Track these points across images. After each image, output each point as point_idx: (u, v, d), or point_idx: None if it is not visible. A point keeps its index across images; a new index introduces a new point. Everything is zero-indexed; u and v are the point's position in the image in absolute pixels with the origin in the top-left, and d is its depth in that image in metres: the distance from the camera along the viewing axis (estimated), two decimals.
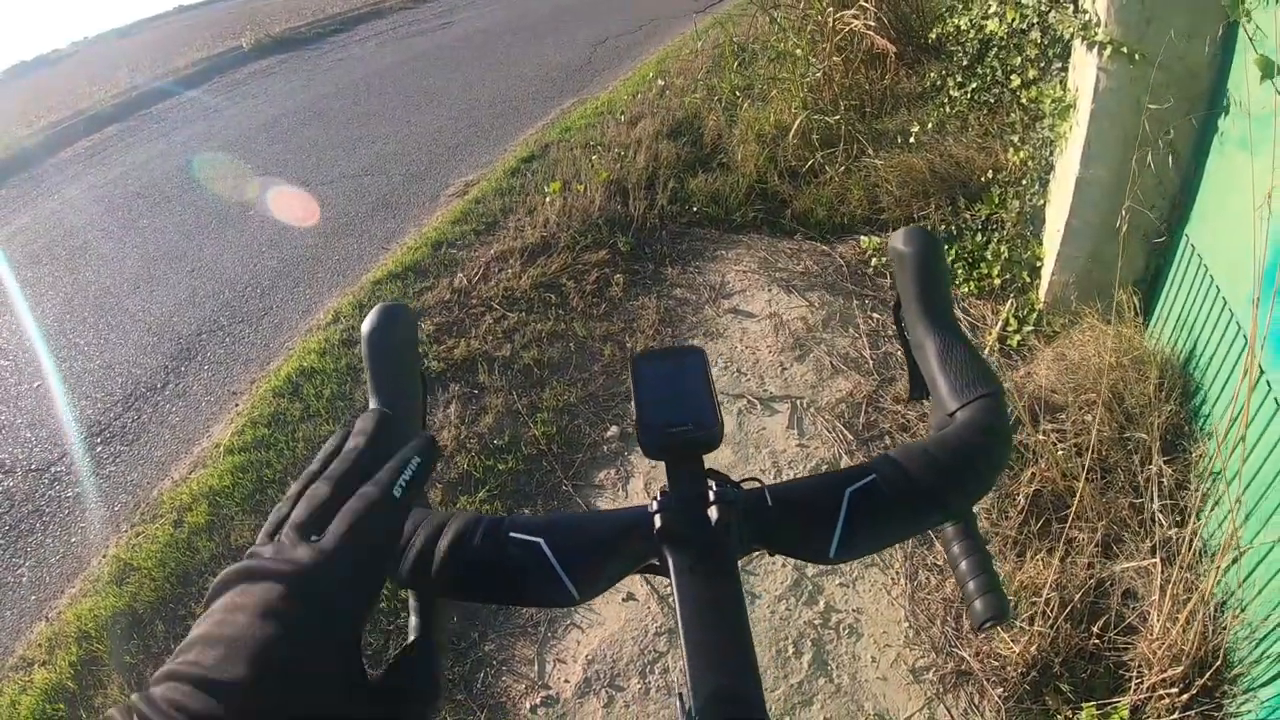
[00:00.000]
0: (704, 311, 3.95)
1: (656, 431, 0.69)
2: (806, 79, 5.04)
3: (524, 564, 0.61)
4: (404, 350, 0.77)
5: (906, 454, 0.66)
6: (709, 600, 0.59)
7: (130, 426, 4.05)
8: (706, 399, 0.71)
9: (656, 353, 0.77)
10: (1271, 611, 1.91)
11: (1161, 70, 2.62)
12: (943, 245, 0.80)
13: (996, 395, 0.70)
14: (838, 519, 0.62)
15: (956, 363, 0.73)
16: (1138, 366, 2.74)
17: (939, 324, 0.76)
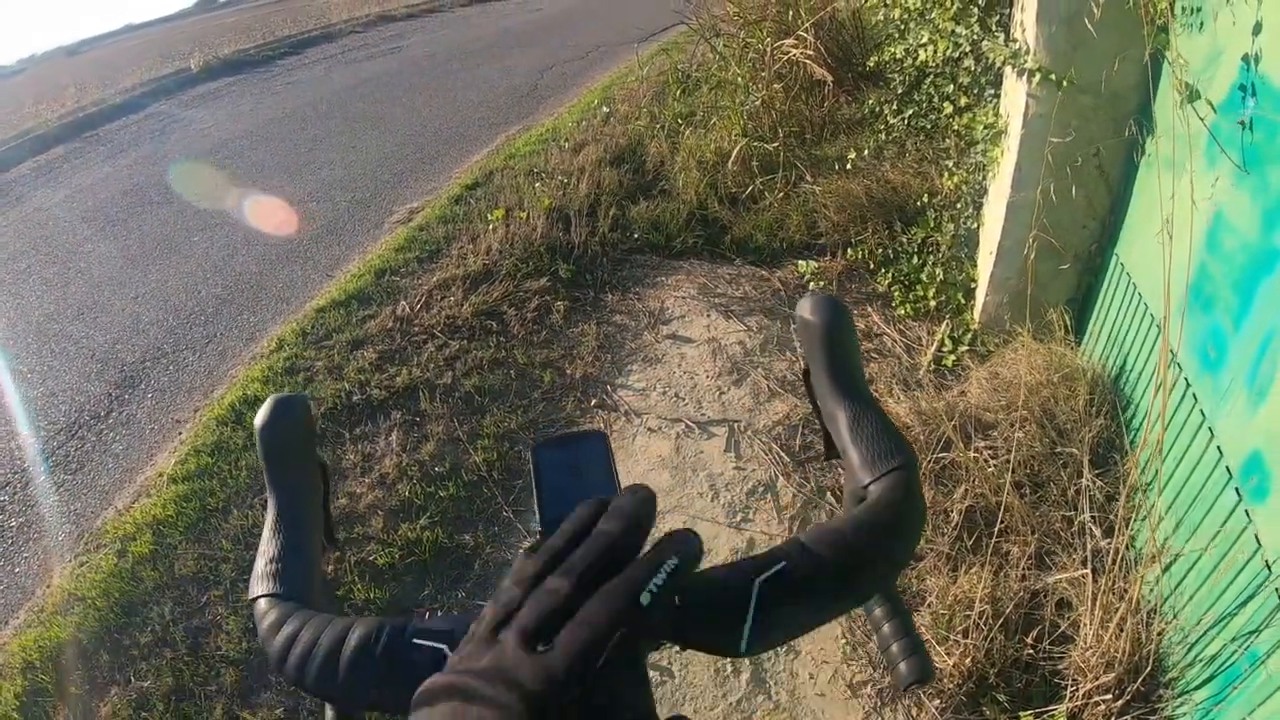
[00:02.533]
0: (643, 337, 4.03)
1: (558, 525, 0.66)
2: (746, 106, 5.16)
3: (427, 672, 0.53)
4: (300, 442, 0.77)
5: (818, 537, 0.63)
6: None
7: (74, 455, 4.04)
8: (608, 486, 0.71)
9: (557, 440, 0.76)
10: (1202, 616, 1.97)
11: (1089, 95, 2.73)
12: (850, 313, 0.78)
13: (909, 467, 0.69)
14: (747, 612, 0.58)
15: (868, 434, 0.72)
16: (1068, 383, 2.82)
17: (849, 394, 0.76)
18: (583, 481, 0.72)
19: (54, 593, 3.16)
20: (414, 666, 0.59)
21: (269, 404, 0.77)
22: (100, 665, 2.82)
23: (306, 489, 0.77)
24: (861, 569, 0.62)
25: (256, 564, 0.72)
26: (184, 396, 4.36)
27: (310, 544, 0.74)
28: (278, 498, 0.75)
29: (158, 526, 3.29)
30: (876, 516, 0.65)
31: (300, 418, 0.78)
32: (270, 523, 0.74)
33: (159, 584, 3.05)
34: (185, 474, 3.54)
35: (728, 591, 0.60)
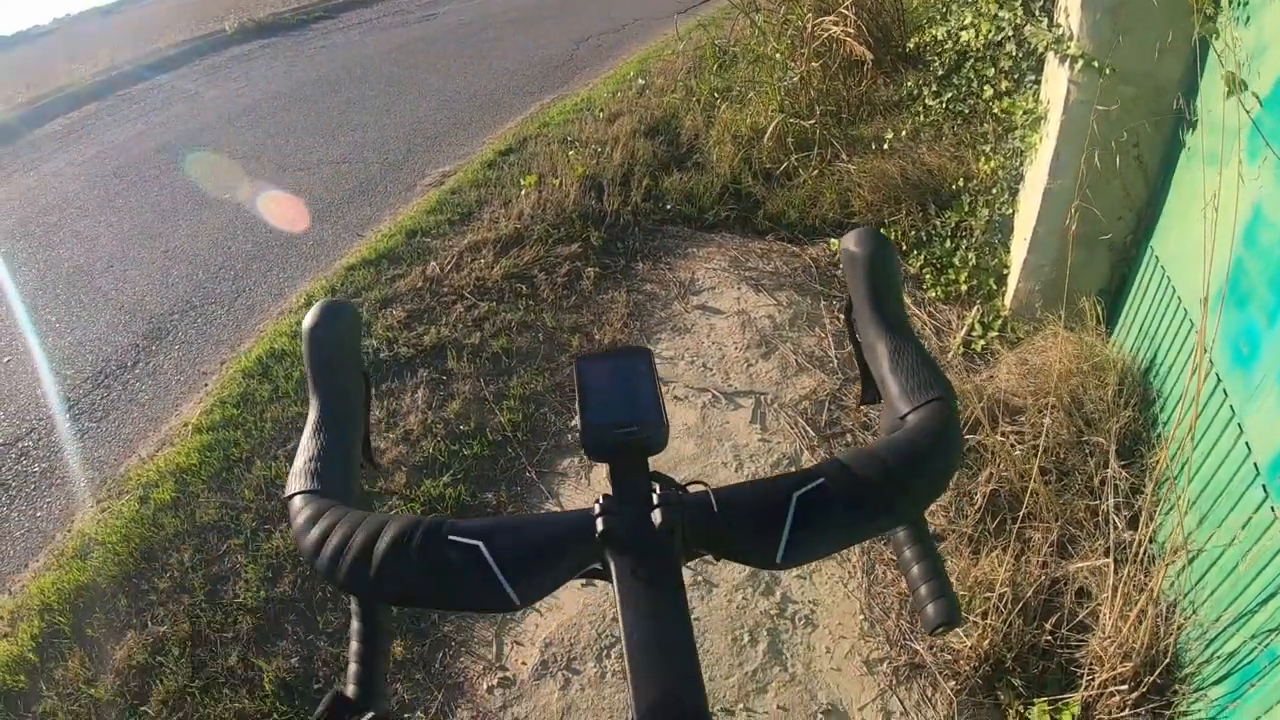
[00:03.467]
0: (673, 307, 4.00)
1: (601, 432, 0.69)
2: (784, 83, 5.09)
3: (463, 568, 0.59)
4: (346, 348, 0.76)
5: (856, 458, 0.63)
6: (651, 606, 0.57)
7: (99, 403, 4.06)
8: (653, 400, 0.71)
9: (601, 353, 0.76)
10: (1222, 613, 1.94)
11: (1130, 84, 2.68)
12: (894, 247, 0.78)
13: (948, 399, 0.69)
14: (784, 523, 0.59)
15: (908, 365, 0.72)
16: (1098, 373, 2.79)
17: (890, 326, 0.75)
18: (626, 395, 0.72)
19: (74, 537, 3.17)
20: (450, 563, 0.59)
21: (318, 307, 0.75)
22: (118, 610, 2.82)
23: (349, 394, 0.75)
24: (897, 491, 0.63)
25: (295, 462, 0.70)
26: (211, 349, 4.36)
27: (350, 447, 0.73)
28: (320, 400, 0.74)
29: (180, 475, 3.29)
30: (914, 442, 0.65)
31: (348, 324, 0.76)
32: (311, 423, 0.73)
33: (179, 531, 3.05)
34: (210, 424, 3.54)
35: (765, 503, 0.61)
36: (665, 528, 0.59)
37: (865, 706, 2.28)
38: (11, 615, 2.88)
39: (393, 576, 0.59)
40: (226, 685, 2.53)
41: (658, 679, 0.54)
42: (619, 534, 0.60)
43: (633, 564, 0.59)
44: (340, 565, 0.60)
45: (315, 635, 2.65)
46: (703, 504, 0.61)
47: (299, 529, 0.64)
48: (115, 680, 2.59)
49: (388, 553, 0.59)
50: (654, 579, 0.58)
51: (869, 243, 0.76)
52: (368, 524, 0.62)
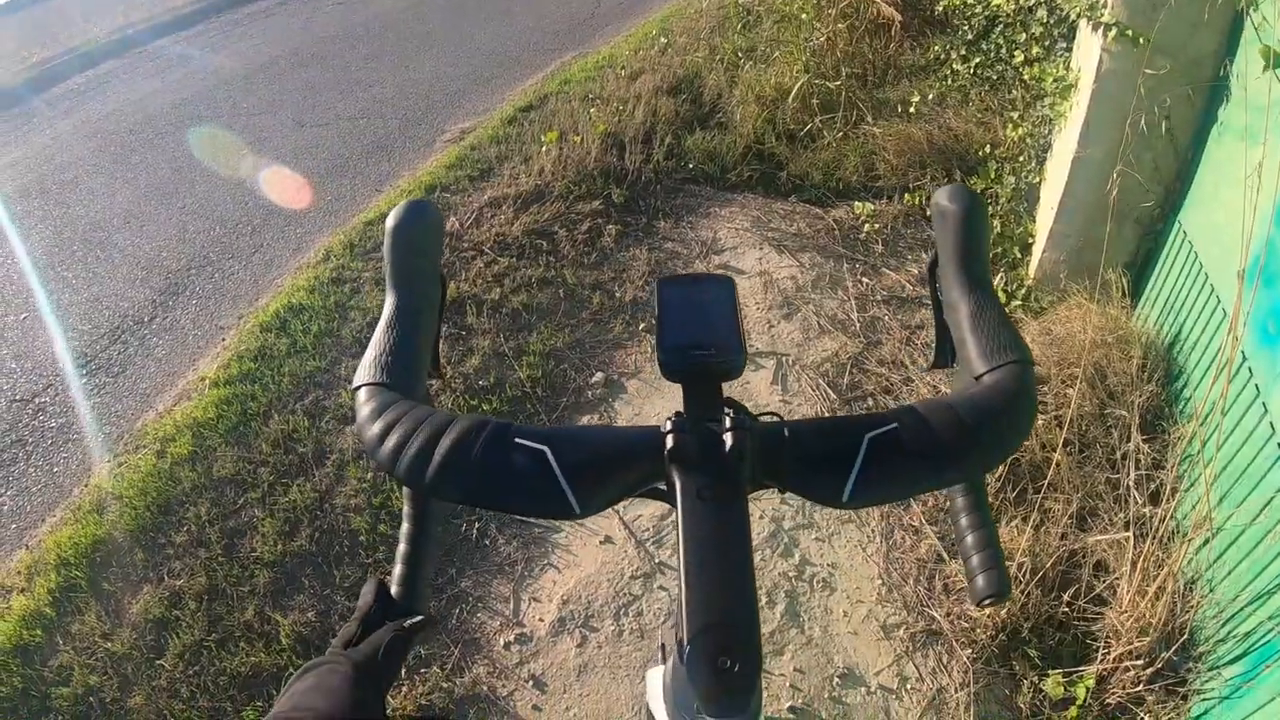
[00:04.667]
0: (694, 265, 3.96)
1: (678, 353, 0.69)
2: (810, 43, 5.00)
3: (527, 471, 0.59)
4: (426, 248, 0.76)
5: (931, 408, 0.63)
6: (713, 529, 0.57)
7: (116, 359, 4.04)
8: (733, 327, 0.71)
9: (684, 277, 0.76)
10: (1240, 592, 1.94)
11: (1165, 55, 2.62)
12: (986, 206, 0.77)
13: (1026, 363, 0.68)
14: (854, 463, 0.59)
15: (989, 326, 0.71)
16: (1122, 346, 2.76)
17: (975, 285, 0.74)
18: (705, 320, 0.72)
19: (91, 491, 3.17)
20: (513, 464, 0.59)
21: (402, 206, 0.76)
22: (134, 563, 2.83)
23: (426, 294, 0.75)
24: (968, 448, 0.62)
25: (365, 355, 0.70)
26: (229, 304, 4.34)
27: (420, 345, 0.73)
28: (397, 296, 0.73)
29: (197, 429, 3.28)
30: (990, 400, 0.64)
31: (430, 225, 0.77)
32: (385, 319, 0.73)
33: (196, 485, 3.04)
34: (227, 378, 3.52)
35: (838, 441, 0.61)
36: (736, 452, 0.58)
37: (881, 671, 2.29)
38: (29, 570, 2.88)
39: (455, 474, 0.59)
40: (243, 639, 2.53)
41: (712, 604, 0.53)
42: (688, 453, 0.59)
43: (698, 485, 0.58)
44: (402, 459, 0.60)
45: (332, 590, 2.64)
46: (776, 433, 0.61)
47: (363, 420, 0.65)
48: (132, 634, 2.59)
49: (451, 450, 0.60)
50: (719, 503, 0.58)
51: (961, 199, 0.75)
52: (433, 420, 0.62)
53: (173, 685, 2.44)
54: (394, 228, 0.74)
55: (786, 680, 2.28)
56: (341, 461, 3.06)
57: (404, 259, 0.74)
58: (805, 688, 2.26)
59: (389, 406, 0.64)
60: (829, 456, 0.60)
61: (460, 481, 0.60)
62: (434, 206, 0.77)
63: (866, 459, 0.59)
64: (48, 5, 15.61)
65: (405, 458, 0.60)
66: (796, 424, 0.62)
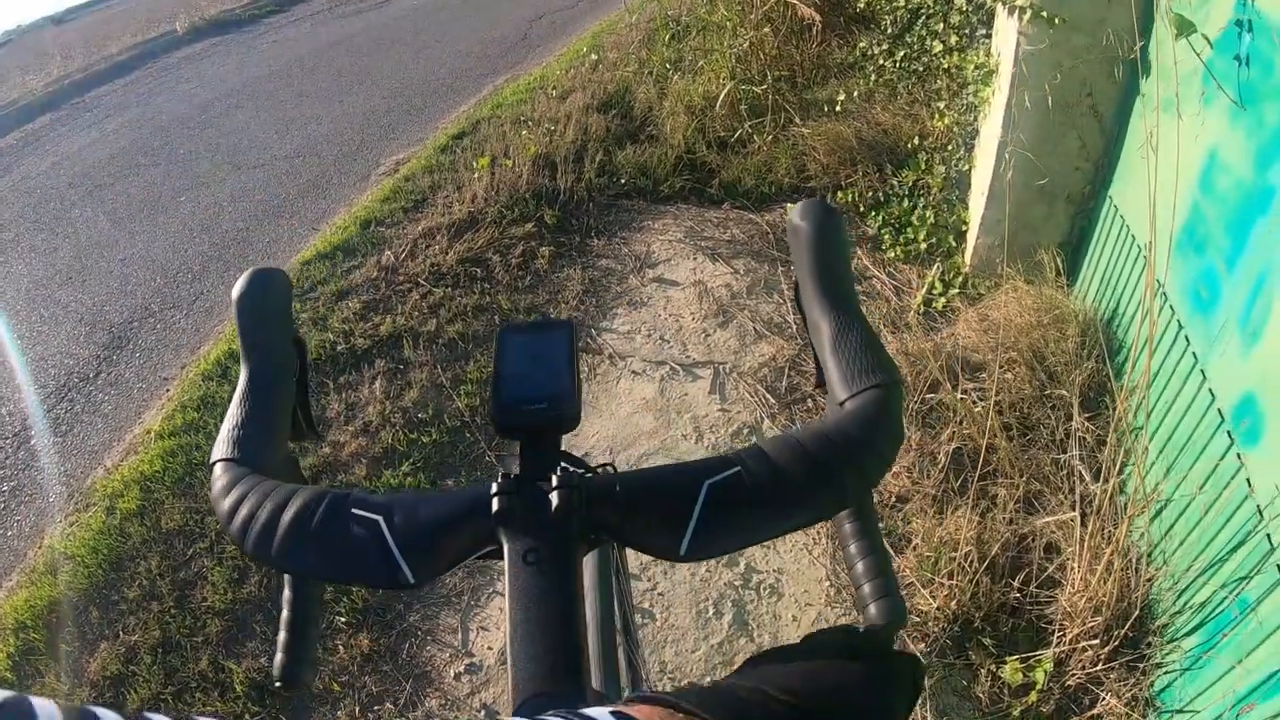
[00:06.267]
0: (629, 281, 3.99)
1: (510, 409, 0.67)
2: (734, 49, 5.06)
3: (362, 543, 0.58)
4: (275, 316, 0.75)
5: (777, 446, 0.60)
6: (540, 591, 0.55)
7: (64, 417, 4.03)
8: (567, 376, 0.69)
9: (524, 325, 0.75)
10: (1192, 562, 1.94)
11: (1082, 33, 2.66)
12: (842, 220, 0.72)
13: (890, 386, 0.65)
14: (692, 513, 0.57)
15: (850, 349, 0.67)
16: (1059, 325, 2.79)
17: (836, 306, 0.70)
18: (540, 370, 0.70)
19: (45, 553, 3.16)
20: (350, 535, 0.59)
21: (247, 275, 0.75)
22: (90, 621, 2.83)
23: (279, 361, 0.74)
24: (820, 483, 0.59)
25: (221, 430, 0.71)
26: (171, 354, 4.34)
27: (276, 415, 0.73)
28: (249, 367, 0.73)
29: (145, 483, 3.28)
30: (844, 430, 0.62)
31: (277, 290, 0.76)
32: (239, 392, 0.73)
33: (146, 539, 3.05)
34: (172, 429, 3.52)
35: (674, 490, 0.58)
36: (561, 510, 0.58)
37: None
38: None
39: (295, 548, 0.59)
40: (199, 689, 2.53)
41: (536, 670, 0.52)
42: (514, 514, 0.58)
43: (525, 547, 0.57)
44: (249, 534, 0.60)
45: None
46: (606, 487, 0.59)
47: (215, 496, 0.65)
48: (90, 692, 2.59)
49: (291, 524, 0.59)
50: (546, 563, 0.57)
51: (814, 215, 0.72)
52: (277, 494, 0.61)
53: None
54: (239, 297, 0.74)
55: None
56: None
57: (253, 329, 0.74)
58: None
59: (239, 481, 0.64)
60: (664, 508, 0.58)
61: (301, 556, 0.59)
62: (279, 272, 0.76)
63: (705, 508, 0.57)
64: None
65: (252, 533, 0.60)
66: (630, 475, 0.60)
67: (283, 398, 0.74)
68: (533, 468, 0.65)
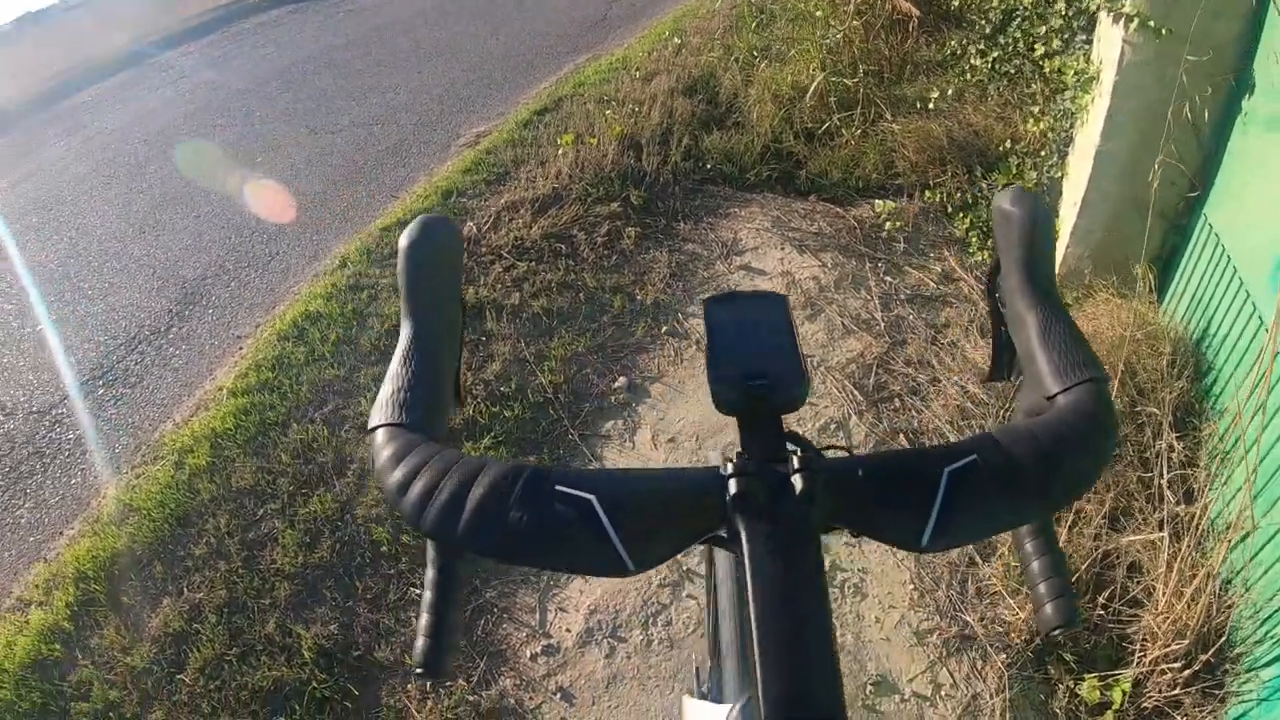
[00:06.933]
0: (715, 267, 3.90)
1: (733, 384, 0.64)
2: (825, 41, 4.94)
3: (571, 524, 0.54)
4: (444, 271, 0.70)
5: (1009, 436, 0.58)
6: (786, 582, 0.52)
7: (133, 369, 4.03)
8: (791, 352, 0.66)
9: (733, 296, 0.72)
10: (1277, 592, 1.90)
11: (1188, 46, 2.56)
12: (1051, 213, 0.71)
13: (1102, 382, 0.63)
14: (934, 502, 0.54)
15: (1059, 342, 0.65)
16: (1151, 342, 2.70)
17: (1042, 297, 0.68)
18: (762, 345, 0.68)
19: (109, 504, 3.14)
20: (556, 516, 0.54)
21: (417, 223, 0.69)
22: (153, 576, 2.80)
23: (446, 320, 0.69)
24: (1053, 475, 0.57)
25: (381, 392, 0.65)
26: (245, 313, 4.32)
27: (443, 377, 0.67)
28: (414, 324, 0.67)
29: (215, 439, 3.25)
30: (1069, 424, 0.59)
31: (450, 244, 0.70)
32: (401, 350, 0.66)
33: (215, 496, 3.01)
34: (245, 388, 3.49)
35: (916, 477, 0.56)
36: (805, 494, 0.54)
37: (915, 678, 2.25)
38: (47, 583, 2.86)
39: (489, 528, 0.54)
40: (264, 653, 2.49)
41: (790, 669, 0.48)
42: (753, 498, 0.54)
43: (766, 533, 0.53)
44: (429, 510, 0.55)
45: (354, 601, 2.60)
46: (848, 471, 0.56)
47: (382, 465, 0.59)
48: (151, 648, 2.56)
49: (485, 500, 0.54)
50: (790, 553, 0.53)
51: (1025, 203, 0.69)
52: (462, 466, 0.56)
53: (193, 700, 2.40)
54: (407, 248, 0.68)
55: None
56: (362, 471, 3.02)
57: (420, 283, 0.68)
58: None
59: (411, 450, 0.59)
60: (906, 495, 0.55)
61: (496, 536, 0.54)
62: (452, 223, 0.71)
63: (947, 496, 0.54)
64: (63, 19, 15.75)
65: (433, 509, 0.55)
66: (870, 459, 0.57)
67: (449, 360, 0.69)
68: (759, 449, 0.62)
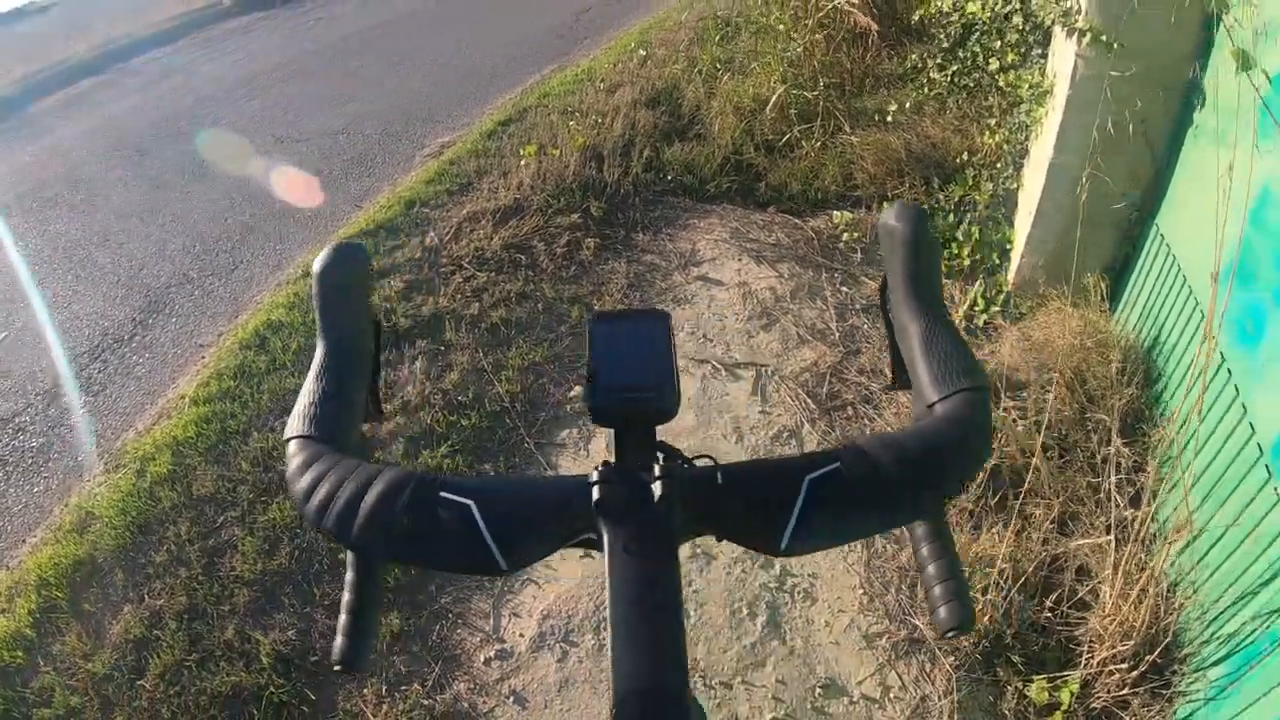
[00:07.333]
0: (673, 278, 3.96)
1: (608, 396, 0.66)
2: (787, 54, 5.02)
3: (452, 528, 0.58)
4: (356, 292, 0.73)
5: (876, 444, 0.60)
6: (642, 583, 0.55)
7: (96, 377, 4.04)
8: (666, 365, 0.68)
9: (617, 313, 0.75)
10: (1223, 593, 1.95)
11: (1139, 60, 2.65)
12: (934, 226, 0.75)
13: (981, 390, 0.65)
14: (793, 508, 0.57)
15: (940, 351, 0.68)
16: (1101, 350, 2.77)
17: (926, 308, 0.70)
18: (639, 359, 0.69)
19: (71, 511, 3.16)
20: (438, 520, 0.58)
21: (328, 249, 0.73)
22: (115, 583, 2.82)
23: (356, 339, 0.73)
24: (917, 483, 0.60)
25: (295, 406, 0.69)
26: (208, 321, 4.34)
27: (352, 393, 0.71)
28: (326, 343, 0.72)
29: (177, 447, 3.28)
30: (940, 432, 0.62)
31: (359, 267, 0.74)
32: (315, 367, 0.71)
33: (176, 504, 3.04)
34: (207, 396, 3.52)
35: (775, 484, 0.58)
36: (665, 502, 0.57)
37: (864, 681, 2.29)
38: (9, 590, 2.87)
39: (378, 530, 0.58)
40: (223, 658, 2.52)
41: (640, 660, 0.52)
42: (615, 504, 0.58)
43: (627, 537, 0.57)
44: (328, 514, 0.59)
45: (312, 607, 2.64)
46: (708, 479, 0.59)
47: (292, 474, 0.63)
48: (112, 655, 2.58)
49: (376, 505, 0.58)
50: (647, 555, 0.56)
51: (909, 217, 0.72)
52: (359, 474, 0.60)
53: (154, 706, 2.43)
54: (319, 273, 0.72)
55: (769, 692, 2.29)
56: None
57: (331, 305, 0.72)
58: (787, 699, 2.27)
59: (317, 460, 0.63)
60: (765, 501, 0.58)
61: (385, 538, 0.59)
62: (362, 247, 0.75)
63: (806, 503, 0.57)
64: (32, 22, 15.60)
65: (331, 514, 0.59)
66: (731, 467, 0.60)
67: (360, 376, 0.73)
68: (630, 458, 0.64)
